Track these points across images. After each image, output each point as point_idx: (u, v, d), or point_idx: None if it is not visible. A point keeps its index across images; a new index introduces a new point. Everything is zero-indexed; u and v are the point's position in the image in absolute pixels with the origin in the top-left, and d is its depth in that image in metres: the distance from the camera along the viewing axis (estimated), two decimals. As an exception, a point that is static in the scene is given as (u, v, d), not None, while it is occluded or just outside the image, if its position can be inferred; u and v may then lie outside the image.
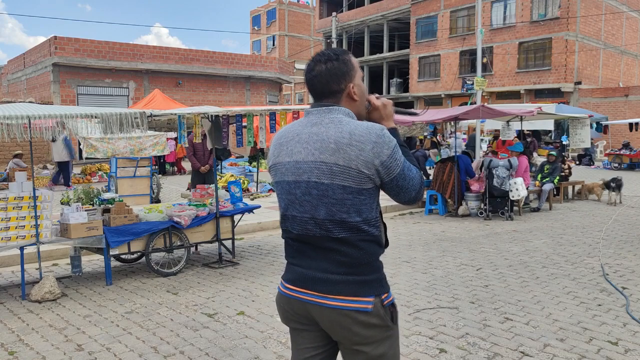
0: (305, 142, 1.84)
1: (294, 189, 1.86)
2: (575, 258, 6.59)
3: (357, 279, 1.82)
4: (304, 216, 1.85)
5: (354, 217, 1.81)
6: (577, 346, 3.87)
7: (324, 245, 1.83)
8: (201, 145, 9.00)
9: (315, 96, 1.91)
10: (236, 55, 27.63)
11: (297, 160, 1.85)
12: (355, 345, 1.82)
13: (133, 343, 4.03)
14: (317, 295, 1.82)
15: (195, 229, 6.27)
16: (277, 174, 1.93)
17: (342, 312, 1.79)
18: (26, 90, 25.67)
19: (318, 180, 1.79)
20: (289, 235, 1.94)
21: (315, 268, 1.84)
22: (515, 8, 31.12)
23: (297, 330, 1.96)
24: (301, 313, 1.90)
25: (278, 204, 2.00)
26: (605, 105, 28.79)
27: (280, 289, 1.97)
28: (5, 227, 5.14)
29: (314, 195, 1.81)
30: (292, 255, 1.94)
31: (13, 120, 4.85)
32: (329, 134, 1.79)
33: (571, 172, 12.52)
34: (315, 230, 1.83)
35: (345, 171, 1.76)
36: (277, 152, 1.94)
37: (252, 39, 59.89)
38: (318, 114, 1.87)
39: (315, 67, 1.87)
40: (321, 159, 1.79)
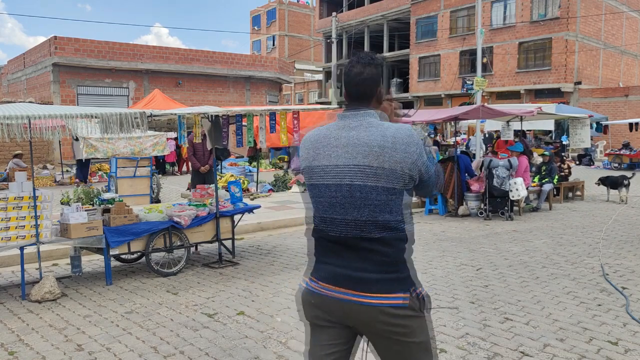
0: (345, 146, 1.89)
1: (335, 192, 1.91)
2: (575, 258, 6.59)
3: (393, 276, 1.88)
4: (346, 218, 1.90)
5: (396, 216, 1.90)
6: (577, 346, 3.87)
7: (361, 245, 1.89)
8: (201, 145, 9.00)
9: (354, 98, 1.97)
10: (236, 55, 27.63)
11: (337, 164, 1.90)
12: (393, 337, 1.89)
13: (133, 343, 4.03)
14: (354, 294, 1.88)
15: (195, 229, 6.27)
16: (315, 176, 1.96)
17: (380, 309, 1.86)
18: (26, 90, 25.66)
19: (362, 183, 1.86)
20: (324, 236, 1.97)
21: (351, 267, 1.90)
22: (515, 8, 31.12)
23: (321, 327, 2.00)
24: (332, 311, 1.94)
25: (316, 208, 2.01)
26: (605, 105, 28.78)
27: (311, 286, 1.99)
28: (5, 227, 5.14)
29: (357, 198, 1.87)
30: (325, 254, 1.98)
31: (13, 120, 4.85)
32: (371, 138, 1.86)
33: (571, 172, 12.52)
34: (355, 232, 1.89)
35: (391, 174, 1.84)
36: (313, 155, 1.97)
37: (252, 39, 59.88)
38: (355, 117, 1.93)
39: (365, 71, 1.94)
40: (365, 163, 1.85)
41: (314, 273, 2.00)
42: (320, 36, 47.77)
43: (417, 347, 1.91)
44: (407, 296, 1.88)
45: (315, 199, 1.99)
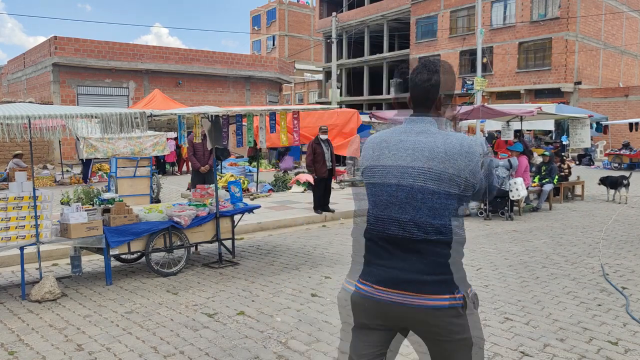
0: (411, 149, 1.97)
1: (397, 192, 1.96)
2: (575, 258, 6.59)
3: (448, 277, 1.93)
4: (404, 217, 1.95)
5: (453, 221, 1.96)
6: (577, 346, 3.88)
7: (416, 246, 1.93)
8: (201, 145, 9.01)
9: (420, 103, 2.06)
10: (236, 55, 27.63)
11: (401, 165, 1.96)
12: (443, 336, 1.94)
13: (133, 343, 4.03)
14: (408, 295, 1.92)
15: (195, 229, 6.27)
16: (376, 176, 2.02)
17: (437, 311, 1.91)
18: (26, 90, 25.66)
19: (424, 185, 1.92)
20: (378, 235, 2.01)
21: (404, 269, 1.94)
22: (515, 8, 31.12)
23: (368, 329, 2.06)
24: (386, 313, 1.99)
25: (374, 207, 2.05)
26: (605, 105, 28.79)
27: (363, 289, 2.02)
28: (5, 227, 5.14)
29: (418, 199, 1.93)
30: (377, 255, 2.01)
31: (13, 120, 4.85)
32: (437, 143, 1.94)
33: (571, 172, 12.52)
34: (411, 232, 1.94)
35: (453, 179, 1.92)
36: (376, 155, 2.04)
37: (252, 39, 59.89)
38: (422, 123, 2.02)
39: (432, 77, 2.02)
40: (429, 166, 1.92)
41: (366, 276, 2.03)
42: (320, 36, 47.77)
43: (463, 342, 1.96)
44: (461, 296, 1.93)
45: (373, 198, 2.04)
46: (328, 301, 4.96)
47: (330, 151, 9.88)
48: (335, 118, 14.51)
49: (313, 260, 6.59)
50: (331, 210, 9.93)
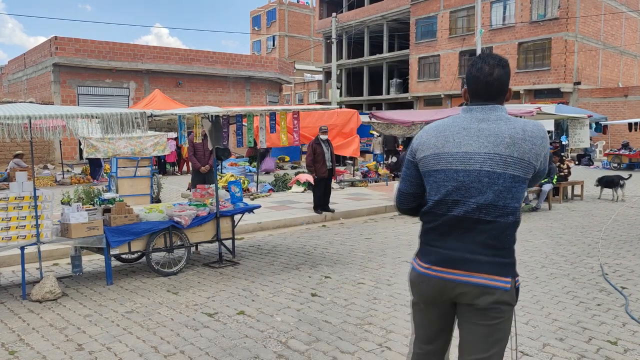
0: (475, 136, 2.07)
1: (463, 176, 2.07)
2: (574, 258, 6.61)
3: (501, 260, 2.06)
4: (468, 201, 2.06)
5: (515, 202, 2.06)
6: (577, 346, 3.89)
7: (478, 227, 2.05)
8: (201, 146, 9.02)
9: (484, 95, 2.15)
10: (236, 56, 27.64)
11: (466, 151, 2.07)
12: (486, 318, 2.06)
13: (133, 342, 4.04)
14: (464, 274, 2.06)
15: (196, 229, 6.28)
16: (442, 162, 2.11)
17: (486, 289, 2.03)
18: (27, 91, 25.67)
19: (490, 170, 2.03)
20: (442, 218, 2.12)
21: (463, 250, 2.07)
22: (514, 8, 31.14)
23: (432, 306, 2.20)
24: (444, 291, 2.12)
25: (437, 192, 2.15)
26: (605, 106, 28.81)
27: (422, 269, 2.17)
28: (5, 227, 5.15)
29: (484, 183, 2.04)
30: (436, 238, 2.14)
31: (14, 120, 4.86)
32: (502, 129, 2.05)
33: (570, 172, 12.53)
34: (473, 213, 2.05)
35: (518, 162, 2.03)
36: (440, 143, 2.13)
37: (252, 39, 59.90)
38: (483, 111, 2.12)
39: (495, 71, 2.12)
40: (495, 151, 2.03)
41: (423, 257, 2.18)
42: (320, 36, 47.78)
43: (498, 334, 2.08)
44: (509, 281, 2.05)
45: (439, 183, 2.13)
46: (328, 301, 4.97)
47: (330, 151, 9.89)
48: (335, 118, 14.52)
49: (313, 260, 6.60)
50: (331, 210, 9.95)
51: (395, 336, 4.08)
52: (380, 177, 15.99)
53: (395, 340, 3.99)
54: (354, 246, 7.42)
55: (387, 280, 5.65)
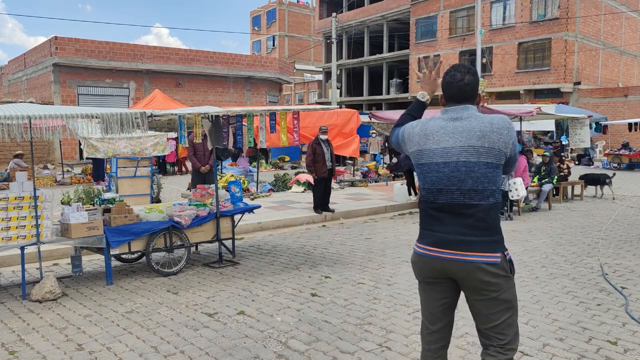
0: (451, 133, 2.40)
1: (443, 168, 2.39)
2: (574, 258, 6.61)
3: (488, 239, 2.36)
4: (451, 188, 2.38)
5: (492, 186, 2.38)
6: (577, 346, 3.89)
7: (463, 211, 2.36)
8: (201, 146, 9.02)
9: (458, 99, 2.48)
10: (236, 56, 27.64)
11: (444, 147, 2.40)
12: (486, 292, 2.35)
13: (133, 342, 4.04)
14: (457, 253, 2.34)
15: (196, 229, 6.28)
16: (424, 157, 2.46)
17: (478, 266, 2.32)
18: (27, 91, 25.67)
19: (466, 160, 2.36)
20: (432, 205, 2.45)
21: (454, 232, 2.37)
22: (514, 8, 31.13)
23: (431, 284, 2.50)
24: (439, 269, 2.42)
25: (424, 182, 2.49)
26: (605, 106, 28.80)
27: (419, 250, 2.50)
28: (5, 227, 5.15)
29: (462, 172, 2.36)
30: (431, 223, 2.45)
31: (14, 120, 4.86)
32: (473, 125, 2.38)
33: (570, 172, 12.52)
34: (459, 199, 2.37)
35: (489, 151, 2.35)
36: (423, 141, 2.47)
37: (252, 39, 59.90)
38: (456, 111, 2.45)
39: (465, 77, 2.47)
40: (468, 144, 2.36)
41: (421, 240, 2.50)
42: (320, 37, 47.78)
43: (503, 304, 2.37)
44: (498, 256, 2.34)
45: (425, 175, 2.47)
46: (328, 301, 4.97)
47: (330, 151, 9.89)
48: (335, 118, 14.52)
49: (313, 260, 6.60)
50: (331, 210, 9.95)
51: (395, 336, 4.08)
52: (380, 177, 15.99)
53: (395, 340, 3.99)
54: (354, 246, 7.43)
55: (387, 280, 5.65)
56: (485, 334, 2.44)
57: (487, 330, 2.43)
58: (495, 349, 2.41)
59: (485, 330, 2.44)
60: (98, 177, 15.04)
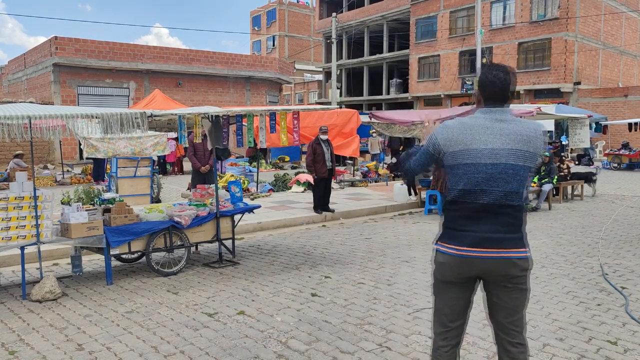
0: (498, 135, 2.45)
1: (491, 169, 2.44)
2: (574, 258, 6.61)
3: (520, 235, 2.50)
4: (495, 189, 2.44)
5: (524, 189, 2.51)
6: (577, 346, 3.89)
7: (503, 211, 2.45)
8: (202, 145, 9.01)
9: (497, 99, 2.51)
10: (236, 56, 27.65)
11: (492, 147, 2.44)
12: (515, 285, 2.49)
13: (133, 342, 4.04)
14: (496, 251, 2.44)
15: (196, 229, 6.28)
16: (470, 157, 2.46)
17: (513, 261, 2.46)
18: (27, 91, 25.67)
19: (514, 163, 2.44)
20: (470, 205, 2.47)
21: (492, 231, 2.45)
22: (514, 8, 31.14)
23: (457, 284, 2.55)
24: (476, 268, 2.48)
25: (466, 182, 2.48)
26: (605, 106, 28.80)
27: (451, 251, 2.50)
28: (5, 227, 5.15)
29: (509, 174, 2.44)
30: (466, 224, 2.48)
31: (14, 120, 4.86)
32: (518, 129, 2.46)
33: (570, 172, 12.51)
34: (501, 200, 2.44)
35: (531, 156, 2.47)
36: (469, 140, 2.46)
37: (252, 39, 59.89)
38: (499, 112, 2.50)
39: (508, 78, 2.50)
40: (516, 147, 2.44)
41: (452, 241, 2.50)
42: (320, 37, 47.78)
43: (525, 294, 2.55)
44: (527, 250, 2.51)
45: (468, 175, 2.47)
46: (328, 301, 4.97)
47: (331, 151, 9.89)
48: (335, 118, 14.52)
49: (313, 260, 6.60)
50: (331, 210, 9.95)
51: (395, 336, 4.08)
52: (380, 177, 15.99)
53: (395, 340, 3.99)
54: (354, 246, 7.42)
55: (387, 280, 5.65)
56: (507, 327, 2.54)
57: (509, 323, 2.53)
58: (513, 342, 2.54)
59: (507, 324, 2.54)
60: (98, 177, 15.00)
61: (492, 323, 2.63)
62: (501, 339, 2.59)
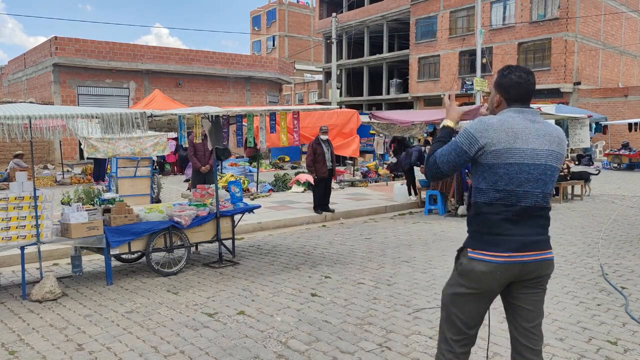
0: (535, 135, 2.41)
1: (533, 170, 2.39)
2: (574, 258, 6.61)
3: (549, 236, 2.50)
4: (536, 191, 2.40)
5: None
6: (577, 346, 3.89)
7: (540, 213, 2.44)
8: (202, 146, 9.02)
9: (525, 99, 2.51)
10: (236, 56, 27.64)
11: (534, 148, 2.39)
12: (542, 285, 2.49)
13: (133, 342, 4.04)
14: (538, 253, 2.41)
15: (196, 229, 6.28)
16: (515, 156, 2.38)
17: (549, 262, 2.46)
18: (27, 91, 25.67)
19: (552, 164, 2.44)
20: (511, 208, 2.38)
21: (532, 233, 2.41)
22: (514, 8, 31.14)
23: (486, 294, 2.45)
24: (515, 274, 2.40)
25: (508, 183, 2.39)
26: (605, 106, 28.80)
27: (495, 259, 2.37)
28: (5, 227, 5.15)
29: (548, 175, 2.43)
30: (506, 228, 2.38)
31: (14, 120, 4.86)
32: (550, 130, 2.46)
33: (570, 172, 12.50)
34: (541, 202, 2.42)
35: (561, 158, 2.48)
36: (511, 139, 2.38)
37: (252, 39, 59.90)
38: (531, 113, 2.48)
39: (531, 78, 2.51)
40: (552, 148, 2.43)
41: (493, 247, 2.38)
42: (320, 37, 47.78)
43: (545, 294, 2.54)
44: (552, 251, 2.50)
45: (511, 175, 2.38)
46: (328, 301, 4.97)
47: (331, 151, 9.90)
48: (335, 118, 14.52)
49: (313, 260, 6.60)
50: (331, 210, 9.95)
51: (395, 336, 4.08)
52: (380, 177, 15.99)
53: (395, 340, 3.99)
54: (354, 246, 7.42)
55: (387, 280, 5.65)
56: (530, 333, 2.47)
57: (532, 328, 2.47)
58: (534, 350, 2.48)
59: (531, 328, 2.47)
60: (98, 177, 14.99)
61: (513, 330, 2.53)
62: (522, 348, 2.49)
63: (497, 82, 2.54)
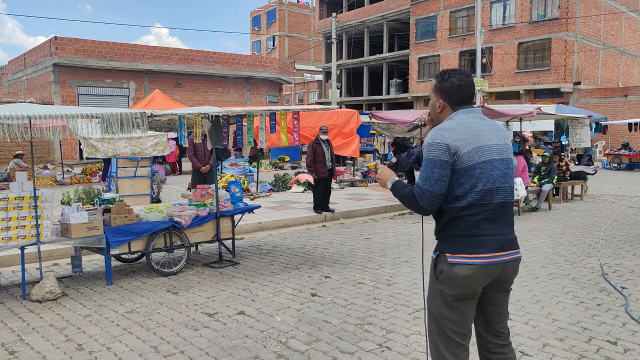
0: (489, 131, 2.42)
1: (500, 165, 2.39)
2: (574, 258, 6.61)
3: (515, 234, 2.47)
4: (505, 186, 2.40)
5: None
6: (576, 346, 3.89)
7: (508, 209, 2.43)
8: (202, 145, 9.02)
9: (469, 100, 2.50)
10: (236, 56, 27.64)
11: (496, 143, 2.40)
12: (509, 286, 2.48)
13: (133, 342, 4.04)
14: (513, 252, 2.39)
15: (196, 229, 6.28)
16: (485, 154, 2.36)
17: (519, 261, 2.45)
18: (27, 91, 25.67)
19: (511, 157, 2.46)
20: (487, 207, 2.34)
21: (507, 232, 2.40)
22: (514, 8, 31.13)
23: (473, 297, 2.38)
24: (496, 274, 2.37)
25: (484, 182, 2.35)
26: (605, 106, 28.80)
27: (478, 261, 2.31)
28: (5, 227, 5.15)
29: (510, 169, 2.44)
30: (488, 227, 2.34)
31: (14, 120, 4.86)
32: (497, 125, 2.50)
33: (569, 169, 12.44)
34: (509, 197, 2.42)
35: (510, 148, 2.49)
36: (476, 137, 2.36)
37: (252, 39, 59.89)
38: (478, 112, 2.49)
39: (470, 80, 2.51)
40: (506, 142, 2.48)
41: (476, 249, 2.32)
42: (320, 37, 47.78)
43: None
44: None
45: (486, 173, 2.35)
46: (328, 301, 4.97)
47: (331, 151, 9.90)
48: (335, 118, 14.53)
49: (313, 260, 6.60)
50: (331, 210, 9.95)
51: (395, 336, 4.08)
52: (380, 177, 15.95)
53: (395, 340, 3.99)
54: (354, 246, 7.43)
55: (387, 280, 5.65)
56: (498, 332, 2.50)
57: (501, 328, 2.50)
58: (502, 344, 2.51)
59: (500, 328, 2.50)
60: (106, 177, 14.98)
61: (482, 330, 2.51)
62: (492, 345, 2.51)
63: (437, 87, 2.50)
